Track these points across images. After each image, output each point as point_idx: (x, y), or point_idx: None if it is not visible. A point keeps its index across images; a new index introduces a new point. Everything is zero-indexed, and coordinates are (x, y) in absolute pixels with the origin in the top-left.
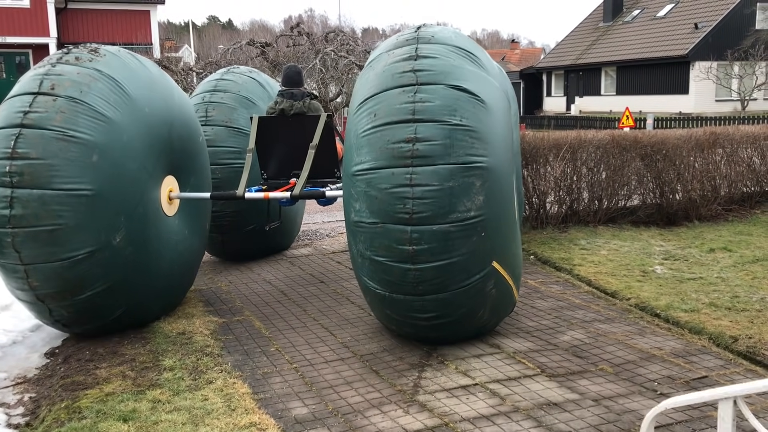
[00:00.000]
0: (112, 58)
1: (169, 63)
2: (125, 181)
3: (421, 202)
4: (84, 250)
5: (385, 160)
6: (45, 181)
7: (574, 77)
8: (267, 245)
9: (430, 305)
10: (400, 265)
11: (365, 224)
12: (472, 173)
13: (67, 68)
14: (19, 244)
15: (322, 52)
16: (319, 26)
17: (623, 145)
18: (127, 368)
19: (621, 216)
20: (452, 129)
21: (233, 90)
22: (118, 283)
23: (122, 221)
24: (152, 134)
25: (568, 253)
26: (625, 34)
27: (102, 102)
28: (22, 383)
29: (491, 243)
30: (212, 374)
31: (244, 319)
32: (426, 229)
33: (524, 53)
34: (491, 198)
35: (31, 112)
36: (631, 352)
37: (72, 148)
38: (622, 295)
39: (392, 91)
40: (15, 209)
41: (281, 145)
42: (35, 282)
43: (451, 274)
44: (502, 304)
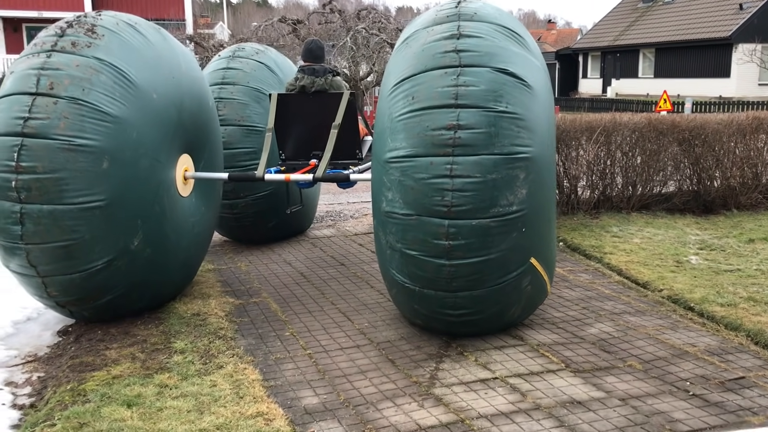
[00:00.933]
0: (112, 38)
1: (200, 39)
2: (139, 182)
3: (462, 194)
4: (102, 261)
5: (423, 148)
6: (55, 196)
7: (611, 59)
8: (285, 228)
9: (462, 302)
10: (434, 260)
11: (398, 215)
12: (517, 165)
13: (63, 59)
14: (34, 259)
15: (353, 29)
16: (353, 4)
17: (660, 129)
18: (137, 350)
19: (656, 203)
20: (497, 116)
21: (242, 82)
22: (138, 284)
23: (139, 224)
24: (162, 121)
25: (598, 240)
26: (665, 15)
27: (106, 99)
28: (32, 362)
29: (531, 239)
30: (223, 358)
31: (261, 301)
32: (465, 223)
33: (561, 34)
34: (534, 191)
35: (31, 119)
36: (663, 347)
37: (80, 158)
38: (654, 286)
39: (433, 73)
40: (26, 225)
41: (301, 124)
42: (54, 292)
43: (488, 271)
44: (535, 298)
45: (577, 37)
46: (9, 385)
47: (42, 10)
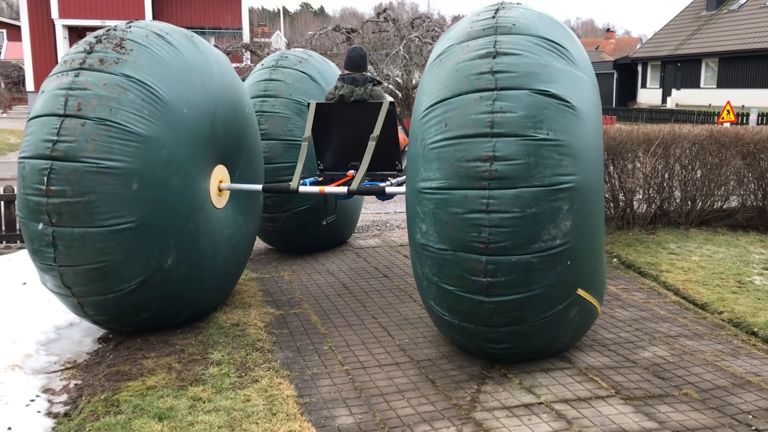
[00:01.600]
0: (140, 52)
1: (256, 48)
2: (171, 201)
3: (499, 230)
4: (135, 281)
5: (457, 180)
6: (85, 219)
7: (671, 68)
8: (324, 239)
9: (505, 337)
10: (472, 297)
11: (433, 249)
12: (560, 196)
13: (91, 78)
14: (69, 280)
15: (407, 38)
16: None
17: (722, 141)
18: (174, 360)
19: (716, 219)
20: (537, 145)
21: (284, 94)
22: (175, 301)
23: (172, 243)
24: (194, 135)
25: (655, 257)
26: (730, 24)
27: (134, 118)
28: (71, 368)
29: (577, 271)
30: (259, 372)
31: (301, 312)
32: (504, 260)
33: (619, 43)
34: (580, 221)
35: (60, 142)
36: (722, 375)
37: (109, 181)
38: (713, 307)
39: (467, 97)
40: (59, 248)
41: (339, 133)
42: (90, 311)
43: (531, 308)
44: (584, 325)
45: (636, 46)
46: (46, 392)
47: (104, 19)
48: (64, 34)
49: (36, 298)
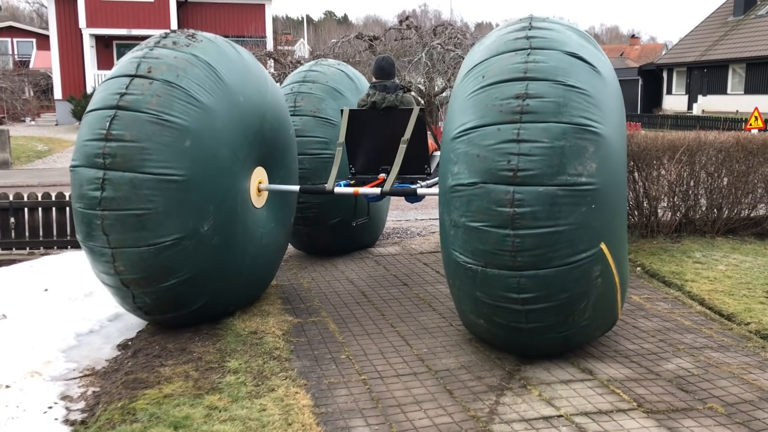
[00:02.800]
0: (209, 44)
1: (279, 56)
2: (216, 168)
3: (528, 158)
4: (171, 237)
5: (491, 117)
6: (137, 164)
7: (697, 74)
8: (352, 241)
9: (528, 283)
10: (497, 231)
11: (463, 186)
12: (586, 137)
13: (164, 52)
14: (108, 227)
15: (429, 45)
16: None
17: (750, 148)
18: (191, 367)
19: (743, 227)
20: (567, 89)
21: (321, 81)
22: (202, 273)
23: (211, 210)
24: (245, 123)
25: (679, 266)
26: (758, 29)
27: (197, 87)
28: (90, 375)
29: (601, 220)
30: (276, 381)
31: (319, 320)
32: (531, 190)
33: (644, 49)
34: (604, 168)
35: (127, 94)
36: (749, 389)
37: (166, 132)
38: (740, 318)
39: (503, 55)
40: (106, 191)
41: (371, 138)
42: (121, 267)
43: (555, 246)
44: (603, 309)
45: (661, 52)
46: (65, 399)
47: (131, 28)
48: (91, 43)
49: (57, 305)
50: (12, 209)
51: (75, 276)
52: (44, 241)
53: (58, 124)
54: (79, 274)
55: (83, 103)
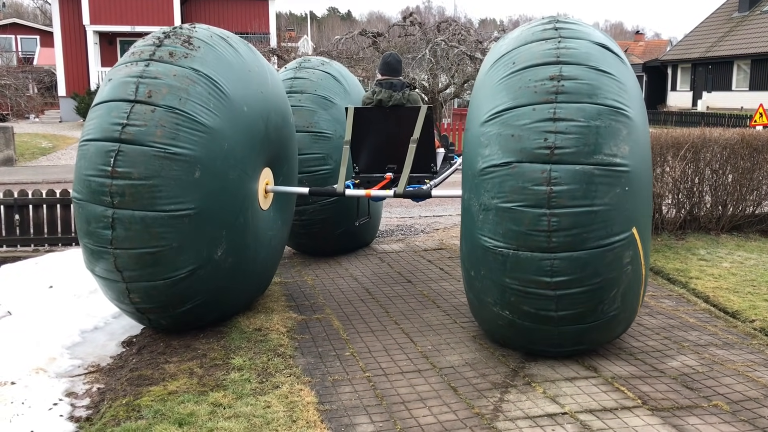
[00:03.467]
0: (207, 50)
1: (282, 52)
2: (227, 193)
3: (565, 137)
4: (186, 269)
5: (525, 98)
6: (148, 202)
7: (702, 71)
8: (352, 241)
9: (561, 266)
10: (533, 210)
11: (496, 167)
12: (619, 119)
13: (162, 69)
14: (121, 264)
15: (433, 42)
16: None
17: (754, 145)
18: (196, 364)
19: (748, 224)
20: (599, 73)
21: (310, 90)
22: (217, 293)
23: (224, 235)
24: (251, 133)
25: (684, 263)
26: (763, 25)
27: (201, 110)
28: (94, 372)
29: (633, 204)
30: (280, 378)
31: (323, 317)
32: (568, 168)
33: (648, 45)
34: (635, 152)
35: (129, 125)
36: (753, 386)
37: (174, 167)
38: (744, 316)
39: (533, 44)
40: (117, 231)
41: (377, 137)
42: (136, 298)
43: (591, 227)
44: (629, 302)
45: (666, 49)
46: (69, 396)
47: (135, 25)
48: (95, 40)
49: (62, 302)
50: (17, 206)
51: (79, 273)
52: (49, 238)
53: (62, 121)
54: (83, 271)
55: (87, 100)
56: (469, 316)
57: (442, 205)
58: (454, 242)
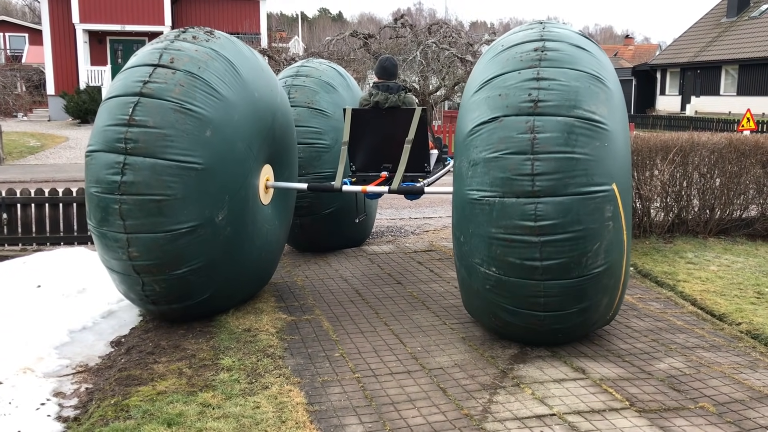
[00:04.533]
0: (227, 41)
1: (273, 53)
2: (233, 160)
3: (547, 92)
4: (188, 224)
5: (511, 66)
6: (159, 150)
7: (690, 75)
8: (344, 238)
9: (545, 210)
10: (517, 156)
11: (484, 123)
12: (597, 85)
13: (185, 45)
14: (126, 211)
15: (424, 44)
16: (426, 19)
17: (742, 150)
18: (185, 365)
19: (735, 228)
20: (578, 49)
21: (315, 75)
22: (212, 262)
23: (226, 200)
24: (259, 118)
25: (672, 266)
26: (751, 30)
27: (217, 80)
28: (83, 372)
29: (612, 162)
30: (270, 378)
31: (313, 318)
32: (549, 119)
33: (638, 49)
34: (614, 117)
35: (150, 82)
36: (740, 389)
37: (188, 121)
38: (731, 319)
39: (521, 33)
40: (126, 176)
41: (373, 137)
42: (135, 252)
43: (572, 173)
44: (614, 265)
45: (655, 53)
46: (57, 396)
47: (125, 24)
48: (84, 39)
49: (50, 301)
50: (4, 205)
51: (68, 272)
52: (37, 238)
53: (50, 120)
54: (72, 270)
55: (76, 99)
56: (459, 317)
57: (432, 207)
58: (444, 244)
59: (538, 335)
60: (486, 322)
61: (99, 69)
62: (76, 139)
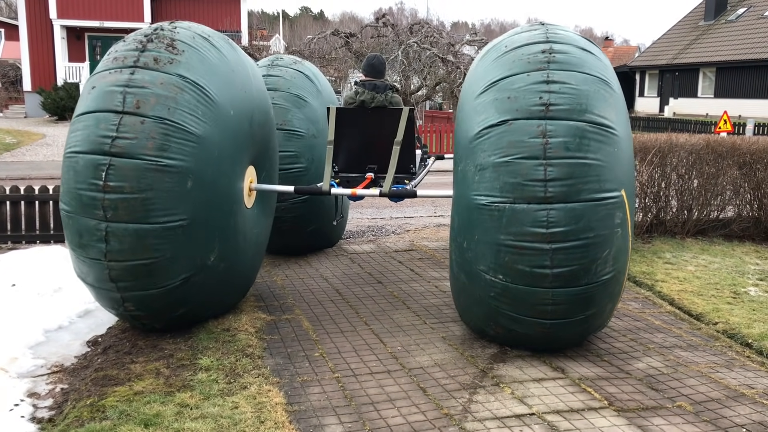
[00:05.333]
0: (191, 54)
1: (254, 51)
2: (218, 200)
3: (558, 95)
4: (180, 278)
5: (519, 68)
6: (141, 215)
7: (669, 77)
8: (322, 237)
9: (557, 216)
10: (529, 161)
11: (492, 126)
12: (605, 88)
13: (148, 76)
14: (116, 276)
15: (405, 43)
16: (408, 19)
17: (719, 151)
18: (162, 365)
19: (712, 228)
20: (585, 52)
21: (283, 88)
22: (211, 296)
23: (216, 240)
24: (238, 136)
25: (650, 266)
26: (727, 34)
27: (190, 118)
28: (58, 372)
29: (622, 169)
30: (248, 378)
31: (293, 318)
32: (562, 123)
33: (617, 51)
34: (621, 122)
35: (119, 138)
36: (716, 387)
37: (166, 179)
38: (708, 318)
39: (523, 34)
40: (111, 244)
41: (358, 137)
42: (131, 306)
43: (585, 178)
44: (620, 269)
45: (634, 55)
46: (31, 396)
47: (104, 20)
48: (62, 35)
49: (25, 300)
50: None
51: (43, 271)
52: (12, 236)
53: (27, 117)
54: (47, 269)
55: (53, 95)
56: (439, 317)
57: (413, 207)
58: (424, 243)
59: (540, 343)
60: (483, 328)
61: (77, 65)
62: (53, 136)
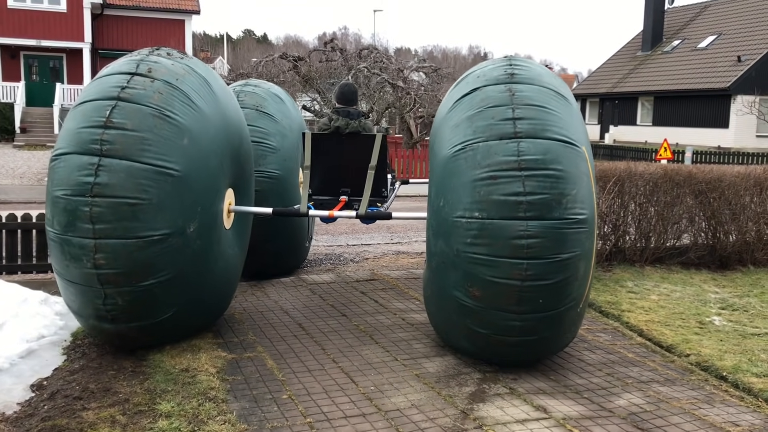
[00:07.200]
0: (199, 62)
1: None
2: (207, 172)
3: (525, 108)
4: (160, 232)
5: (490, 84)
6: (136, 153)
7: (609, 105)
8: (284, 258)
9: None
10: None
11: (472, 141)
12: (562, 102)
13: (161, 59)
14: (97, 215)
15: (355, 68)
16: (353, 44)
17: (676, 180)
18: (118, 411)
19: (669, 256)
20: (544, 73)
21: (264, 86)
22: (179, 277)
23: (198, 211)
24: (229, 138)
25: (614, 296)
26: (664, 64)
27: (194, 92)
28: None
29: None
30: (214, 426)
31: (256, 356)
32: (530, 143)
33: None
34: (581, 135)
35: (128, 88)
36: (701, 425)
37: (166, 127)
38: (679, 350)
39: (489, 66)
40: (100, 177)
41: (332, 162)
42: (102, 260)
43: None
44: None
45: (573, 84)
46: None
47: (41, 39)
48: None
49: None
50: None
51: None
52: None
53: None
54: None
55: None
56: (410, 352)
57: (369, 233)
58: (385, 272)
59: (516, 301)
60: (457, 296)
61: (11, 85)
62: None
